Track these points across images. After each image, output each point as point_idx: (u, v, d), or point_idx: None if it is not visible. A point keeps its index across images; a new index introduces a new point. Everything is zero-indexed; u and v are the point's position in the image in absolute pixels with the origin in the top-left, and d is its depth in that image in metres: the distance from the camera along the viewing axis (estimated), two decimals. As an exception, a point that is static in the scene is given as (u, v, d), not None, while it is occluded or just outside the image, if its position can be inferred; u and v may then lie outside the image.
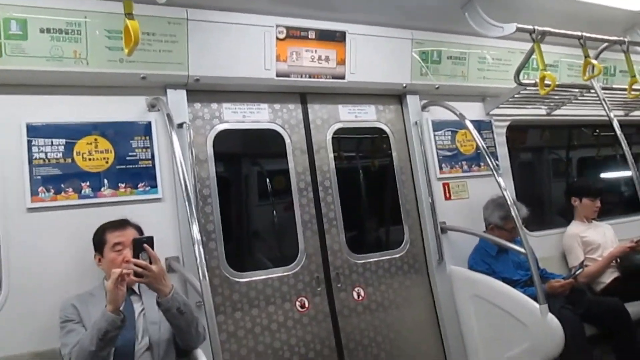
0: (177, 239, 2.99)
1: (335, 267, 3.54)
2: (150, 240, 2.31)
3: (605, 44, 3.75)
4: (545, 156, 5.90)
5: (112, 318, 2.15)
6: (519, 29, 3.18)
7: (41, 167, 2.74)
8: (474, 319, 3.58)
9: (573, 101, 4.44)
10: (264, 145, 3.75)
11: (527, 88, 3.85)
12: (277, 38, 3.28)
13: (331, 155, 3.68)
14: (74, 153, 2.83)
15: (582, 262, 4.00)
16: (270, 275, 3.34)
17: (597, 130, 5.62)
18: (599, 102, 3.77)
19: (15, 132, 2.72)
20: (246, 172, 3.95)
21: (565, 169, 5.94)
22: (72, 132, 2.85)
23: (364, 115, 3.88)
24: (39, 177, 2.73)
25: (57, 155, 2.79)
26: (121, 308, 2.21)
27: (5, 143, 2.69)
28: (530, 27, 3.19)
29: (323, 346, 3.40)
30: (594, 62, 3.40)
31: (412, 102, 3.96)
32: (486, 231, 3.79)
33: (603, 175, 5.92)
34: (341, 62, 3.51)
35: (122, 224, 2.61)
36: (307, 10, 3.31)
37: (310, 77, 3.45)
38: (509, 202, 3.21)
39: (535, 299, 3.10)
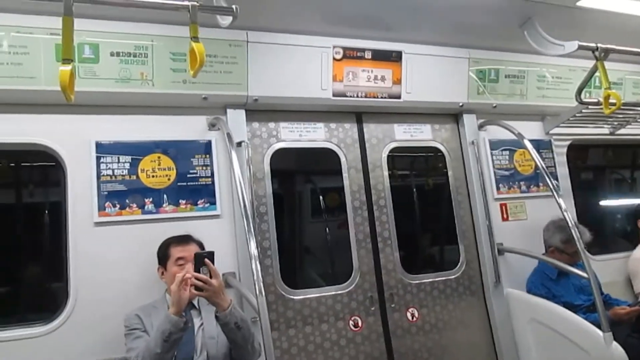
0: (234, 255, 3.05)
1: (389, 286, 3.51)
2: (211, 255, 2.38)
3: (674, 60, 3.61)
4: (608, 176, 5.68)
5: (175, 320, 2.24)
6: (580, 47, 3.10)
7: (108, 183, 2.87)
8: (533, 345, 3.46)
9: (639, 120, 4.28)
10: (319, 164, 3.79)
11: (590, 107, 3.73)
12: (334, 58, 3.33)
13: (386, 174, 3.68)
14: (139, 170, 2.95)
15: (650, 288, 3.82)
16: (324, 293, 3.35)
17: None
18: (667, 120, 3.61)
19: (85, 149, 2.87)
20: (302, 190, 4.00)
21: (630, 190, 5.69)
22: (137, 150, 2.97)
23: (420, 134, 3.86)
24: (106, 193, 2.86)
25: (123, 172, 2.92)
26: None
27: (76, 160, 2.84)
28: (593, 44, 3.11)
29: (376, 366, 3.37)
30: (662, 79, 3.28)
31: (469, 121, 3.91)
32: (546, 254, 3.66)
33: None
34: (397, 81, 3.52)
35: (185, 239, 2.70)
36: (364, 31, 3.36)
37: (366, 96, 3.47)
38: (570, 225, 3.11)
39: (598, 326, 2.97)
